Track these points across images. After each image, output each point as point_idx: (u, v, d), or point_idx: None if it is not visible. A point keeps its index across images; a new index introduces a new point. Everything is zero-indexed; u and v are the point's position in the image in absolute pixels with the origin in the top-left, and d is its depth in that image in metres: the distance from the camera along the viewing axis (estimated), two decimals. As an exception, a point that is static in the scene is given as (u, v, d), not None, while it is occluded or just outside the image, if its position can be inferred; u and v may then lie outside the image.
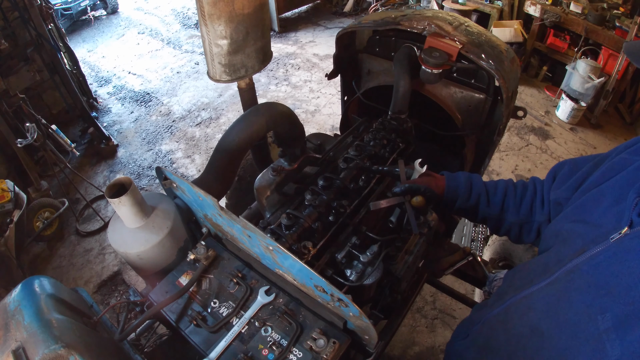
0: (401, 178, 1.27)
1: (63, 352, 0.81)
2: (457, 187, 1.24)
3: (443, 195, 1.25)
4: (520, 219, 1.21)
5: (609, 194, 0.88)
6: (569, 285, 0.83)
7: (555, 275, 0.87)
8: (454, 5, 4.95)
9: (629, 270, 0.73)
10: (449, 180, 1.26)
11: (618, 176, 0.88)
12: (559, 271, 0.86)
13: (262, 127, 1.47)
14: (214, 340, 1.04)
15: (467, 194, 1.23)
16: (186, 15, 7.42)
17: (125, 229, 1.20)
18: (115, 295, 2.96)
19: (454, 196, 1.24)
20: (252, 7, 1.56)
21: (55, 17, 4.10)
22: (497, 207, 1.23)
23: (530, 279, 0.95)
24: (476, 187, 1.24)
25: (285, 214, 1.24)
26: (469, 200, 1.24)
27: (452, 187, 1.24)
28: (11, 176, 3.26)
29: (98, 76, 5.75)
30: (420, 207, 1.20)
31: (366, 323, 0.89)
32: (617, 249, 0.78)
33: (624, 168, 0.88)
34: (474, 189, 1.24)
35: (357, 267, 1.17)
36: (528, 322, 0.87)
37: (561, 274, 0.86)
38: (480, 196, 1.23)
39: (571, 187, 1.05)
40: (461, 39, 1.62)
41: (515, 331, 0.89)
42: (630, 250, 0.75)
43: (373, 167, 1.47)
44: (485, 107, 1.80)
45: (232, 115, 4.71)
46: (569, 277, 0.84)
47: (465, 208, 1.25)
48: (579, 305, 0.78)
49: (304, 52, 5.90)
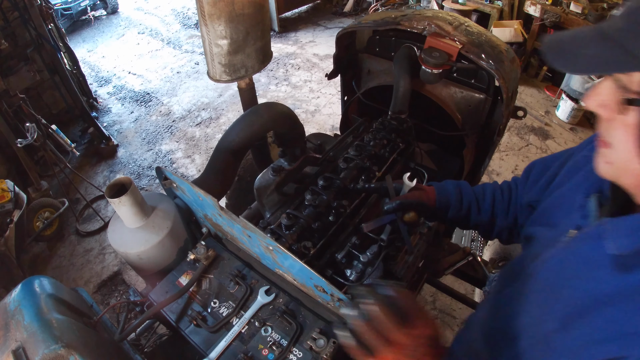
0: (390, 194, 1.21)
1: (63, 352, 0.81)
2: (448, 198, 1.21)
3: (435, 207, 1.22)
4: (509, 223, 1.20)
5: (568, 195, 0.88)
6: (528, 288, 0.84)
7: (519, 279, 0.89)
8: (454, 5, 4.95)
9: (573, 274, 0.73)
10: (439, 192, 1.22)
11: (577, 176, 0.88)
12: (522, 275, 0.88)
13: (262, 127, 1.47)
14: (214, 340, 1.04)
15: (459, 204, 1.21)
16: (186, 15, 7.42)
17: (125, 229, 1.20)
18: (115, 295, 2.96)
19: (445, 207, 1.21)
20: (252, 7, 1.56)
21: (55, 17, 4.10)
22: (487, 214, 1.21)
23: (502, 283, 0.97)
24: (466, 195, 1.22)
25: (285, 214, 1.24)
26: (460, 210, 1.21)
27: (443, 198, 1.21)
28: (11, 176, 3.26)
29: (98, 76, 5.75)
30: (412, 222, 1.16)
31: (366, 323, 0.89)
32: (564, 253, 0.78)
33: (583, 167, 0.87)
34: (464, 198, 1.22)
35: (357, 267, 1.17)
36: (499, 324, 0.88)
37: (523, 277, 0.87)
38: (471, 204, 1.22)
39: (541, 189, 1.04)
40: (461, 39, 1.62)
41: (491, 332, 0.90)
42: (575, 253, 0.75)
43: (358, 186, 1.39)
44: (485, 107, 1.80)
45: (232, 115, 4.71)
46: (527, 281, 0.85)
47: (457, 217, 1.23)
48: (534, 307, 0.80)
49: (304, 52, 5.90)
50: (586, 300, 0.69)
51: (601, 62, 0.59)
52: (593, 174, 0.72)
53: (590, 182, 0.79)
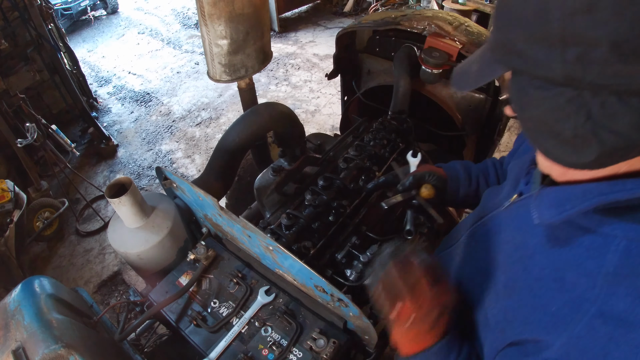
0: (400, 176, 1.23)
1: (63, 352, 0.81)
2: (457, 174, 1.22)
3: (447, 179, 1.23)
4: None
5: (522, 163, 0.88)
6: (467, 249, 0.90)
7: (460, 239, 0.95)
8: (454, 5, 4.94)
9: (509, 238, 0.75)
10: (447, 170, 1.24)
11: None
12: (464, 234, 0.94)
13: (262, 127, 1.47)
14: (214, 340, 1.04)
15: (468, 180, 1.22)
16: (186, 15, 7.42)
17: (125, 229, 1.20)
18: (115, 295, 2.96)
19: (456, 184, 1.22)
20: (252, 7, 1.56)
21: (55, 17, 4.10)
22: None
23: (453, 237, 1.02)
24: (473, 171, 1.24)
25: (285, 214, 1.24)
26: (470, 185, 1.22)
27: (453, 175, 1.22)
28: (11, 176, 3.26)
29: (98, 76, 5.75)
30: (431, 199, 1.16)
31: (366, 323, 0.89)
32: (504, 217, 0.80)
33: None
34: (472, 173, 1.23)
35: (357, 267, 1.17)
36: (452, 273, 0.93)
37: (464, 238, 0.93)
38: (479, 178, 1.23)
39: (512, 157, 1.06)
40: (461, 39, 1.63)
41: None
42: (514, 219, 0.77)
43: (369, 186, 1.38)
44: (485, 107, 1.80)
45: (232, 115, 4.71)
46: (467, 241, 0.91)
47: (468, 194, 1.24)
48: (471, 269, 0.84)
49: (304, 52, 5.90)
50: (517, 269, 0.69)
51: (479, 74, 0.63)
52: None
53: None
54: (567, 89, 0.49)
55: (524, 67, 0.53)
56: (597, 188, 0.55)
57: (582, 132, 0.50)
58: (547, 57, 0.48)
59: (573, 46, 0.44)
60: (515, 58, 0.53)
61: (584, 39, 0.43)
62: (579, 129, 0.50)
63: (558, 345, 0.57)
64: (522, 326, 0.63)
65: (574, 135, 0.51)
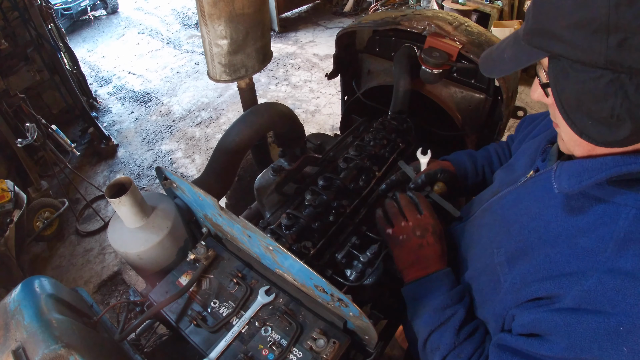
0: (410, 175, 1.27)
1: (63, 352, 0.81)
2: (464, 166, 1.26)
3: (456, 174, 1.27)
4: None
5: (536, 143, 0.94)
6: (481, 222, 0.95)
7: (474, 213, 1.01)
8: (454, 5, 4.94)
9: (525, 211, 0.80)
10: (454, 162, 1.28)
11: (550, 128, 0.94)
12: (478, 209, 0.99)
13: (262, 127, 1.47)
14: (214, 340, 1.04)
15: (474, 170, 1.26)
16: (186, 15, 7.42)
17: (125, 229, 1.20)
18: (115, 295, 2.96)
19: (464, 175, 1.26)
20: (252, 7, 1.56)
21: (55, 17, 4.11)
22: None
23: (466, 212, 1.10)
24: (479, 160, 1.28)
25: (285, 214, 1.23)
26: (477, 175, 1.26)
27: (461, 166, 1.26)
28: (11, 176, 3.26)
29: (98, 76, 5.75)
30: (444, 194, 1.20)
31: (366, 323, 0.89)
32: (521, 191, 0.86)
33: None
34: (478, 162, 1.28)
35: (357, 267, 1.17)
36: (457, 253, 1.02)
37: (478, 212, 0.99)
38: (485, 167, 1.27)
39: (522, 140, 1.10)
40: (461, 39, 1.62)
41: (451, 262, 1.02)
42: (530, 193, 0.82)
43: (382, 187, 1.41)
44: (485, 107, 1.80)
45: (232, 115, 4.71)
46: (482, 215, 0.96)
47: (476, 184, 1.27)
48: (485, 240, 0.89)
49: (304, 52, 5.90)
50: (532, 238, 0.75)
51: (514, 60, 0.67)
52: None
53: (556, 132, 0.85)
54: (606, 72, 0.53)
55: (564, 52, 0.56)
56: (612, 161, 0.60)
57: (618, 111, 0.54)
58: (589, 43, 0.52)
59: (616, 33, 0.49)
60: (555, 43, 0.57)
61: (627, 27, 0.48)
62: (616, 109, 0.54)
63: (570, 297, 0.62)
64: (538, 285, 0.69)
65: (610, 115, 0.55)
